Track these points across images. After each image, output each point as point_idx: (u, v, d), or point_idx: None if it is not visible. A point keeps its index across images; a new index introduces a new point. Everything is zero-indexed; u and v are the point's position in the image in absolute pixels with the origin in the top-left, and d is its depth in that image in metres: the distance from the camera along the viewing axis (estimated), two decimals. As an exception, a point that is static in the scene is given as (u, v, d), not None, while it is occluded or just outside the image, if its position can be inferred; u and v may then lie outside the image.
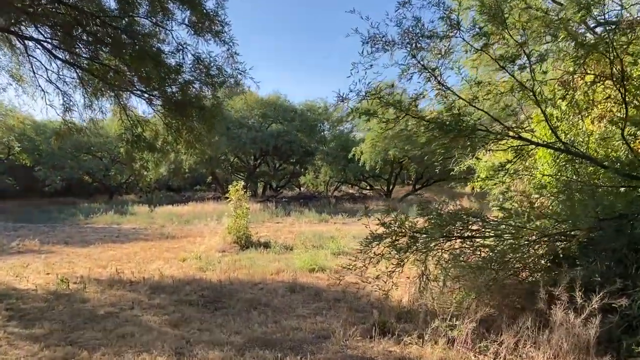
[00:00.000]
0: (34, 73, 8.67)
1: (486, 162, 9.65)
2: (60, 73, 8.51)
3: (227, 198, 32.41)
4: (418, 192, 34.05)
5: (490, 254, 6.29)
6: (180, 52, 7.29)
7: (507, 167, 7.94)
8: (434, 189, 35.27)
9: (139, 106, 8.88)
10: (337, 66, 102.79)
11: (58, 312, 7.37)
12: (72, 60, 7.85)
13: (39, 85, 8.94)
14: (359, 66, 7.88)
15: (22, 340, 6.14)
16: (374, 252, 6.92)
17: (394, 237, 6.85)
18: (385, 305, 7.19)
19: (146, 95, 8.24)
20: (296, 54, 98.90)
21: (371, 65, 7.96)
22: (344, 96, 7.44)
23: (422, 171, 33.13)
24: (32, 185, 37.80)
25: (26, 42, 7.84)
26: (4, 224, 24.19)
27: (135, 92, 8.25)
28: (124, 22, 7.23)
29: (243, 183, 14.42)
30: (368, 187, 36.49)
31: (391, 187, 34.18)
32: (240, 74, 8.12)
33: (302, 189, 47.37)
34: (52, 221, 25.31)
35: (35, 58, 8.53)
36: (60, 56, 7.82)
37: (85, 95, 8.54)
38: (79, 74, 8.12)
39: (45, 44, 7.58)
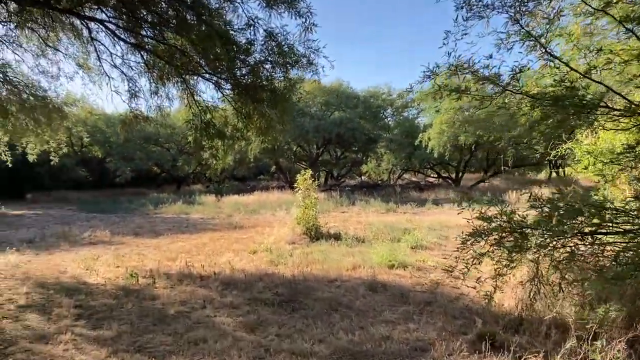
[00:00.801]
0: (99, 58, 8.24)
1: (590, 144, 8.42)
2: (125, 57, 8.04)
3: (291, 187, 32.33)
4: (488, 180, 32.40)
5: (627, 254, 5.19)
6: (251, 28, 6.54)
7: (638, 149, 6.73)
8: (504, 177, 33.59)
9: (207, 91, 8.12)
10: (399, 50, 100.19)
11: (127, 311, 6.87)
12: (136, 42, 7.27)
13: (104, 71, 8.54)
14: (449, 37, 6.87)
15: (90, 344, 5.66)
16: (475, 250, 5.91)
17: (500, 234, 5.83)
18: (486, 312, 6.20)
19: (214, 79, 7.58)
20: (356, 41, 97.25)
21: (462, 37, 6.92)
22: (434, 70, 6.48)
23: (494, 158, 31.43)
24: (103, 176, 38.63)
25: (89, 24, 7.35)
26: (78, 215, 24.62)
27: (203, 75, 7.59)
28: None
29: (310, 172, 13.65)
30: (435, 175, 35.09)
31: (460, 175, 32.56)
32: (314, 52, 7.34)
33: (363, 177, 46.37)
34: (122, 211, 25.58)
35: (99, 42, 8.08)
36: (124, 37, 7.27)
37: (151, 81, 8.01)
38: (144, 58, 7.55)
39: (108, 24, 7.04)
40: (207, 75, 7.54)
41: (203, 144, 8.44)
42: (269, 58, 6.98)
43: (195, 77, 7.76)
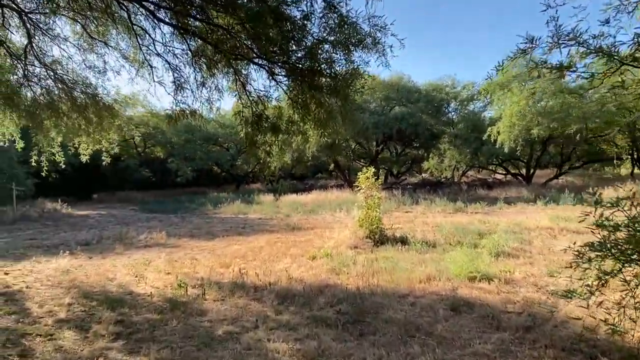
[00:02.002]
0: (139, 45, 7.42)
1: None
2: (169, 44, 7.17)
3: (350, 186, 31.29)
4: (562, 177, 30.11)
5: None
6: None
7: None
8: (577, 173, 31.29)
9: (259, 80, 7.07)
10: (460, 41, 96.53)
11: (170, 330, 5.98)
12: (178, 24, 6.32)
13: (146, 60, 7.72)
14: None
15: (121, 376, 4.76)
16: (600, 268, 4.64)
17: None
18: (611, 346, 4.85)
19: (267, 64, 6.56)
20: (415, 33, 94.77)
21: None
22: (534, 40, 5.22)
23: (569, 152, 29.12)
24: (166, 176, 38.92)
25: (128, 5, 6.52)
26: (139, 215, 24.47)
27: (254, 60, 6.57)
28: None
29: (373, 170, 12.46)
30: (503, 172, 33.04)
31: (532, 171, 30.19)
32: (380, 30, 6.19)
33: (424, 175, 44.66)
34: (182, 211, 25.29)
35: (139, 26, 7.26)
36: (165, 19, 6.37)
37: (198, 70, 7.07)
38: (188, 43, 6.61)
39: (145, 4, 6.15)
40: (258, 61, 6.53)
41: (255, 140, 7.43)
42: (328, 37, 5.88)
43: (246, 64, 6.74)
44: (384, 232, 11.59)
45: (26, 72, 10.81)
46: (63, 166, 13.02)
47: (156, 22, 6.45)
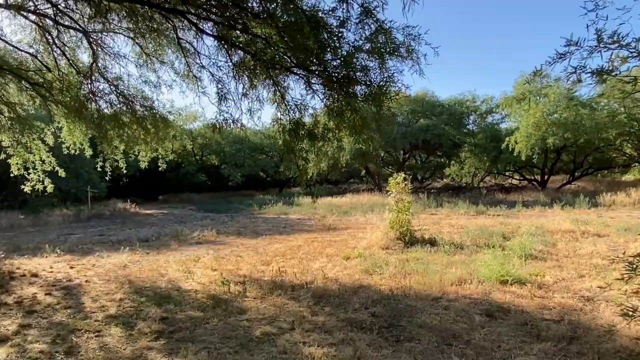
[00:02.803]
0: (184, 57, 6.89)
1: None
2: (212, 57, 6.60)
3: (379, 190, 30.45)
4: (574, 182, 28.56)
5: None
6: (344, 4, 4.75)
7: None
8: (588, 179, 29.60)
9: (296, 89, 6.38)
10: (483, 57, 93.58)
11: (210, 329, 5.33)
12: (219, 35, 5.70)
13: (191, 72, 7.17)
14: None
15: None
16: None
17: None
18: None
19: (304, 74, 5.86)
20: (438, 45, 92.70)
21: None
22: (577, 41, 4.38)
23: (581, 160, 27.63)
24: (219, 181, 39.05)
25: (174, 20, 5.97)
26: (195, 214, 24.22)
27: (292, 69, 5.88)
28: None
29: (403, 175, 11.62)
30: (521, 178, 31.49)
31: (547, 177, 28.80)
32: (414, 39, 5.43)
33: (445, 180, 43.33)
34: (232, 211, 24.93)
35: (185, 40, 6.72)
36: (207, 30, 5.77)
37: (239, 80, 6.45)
38: (230, 56, 5.98)
39: (189, 16, 5.57)
40: (296, 71, 5.84)
41: (293, 146, 6.73)
42: (363, 45, 5.13)
43: (285, 75, 6.04)
44: (413, 233, 10.75)
45: (92, 88, 10.49)
46: (125, 171, 12.65)
47: (199, 35, 5.89)
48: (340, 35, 4.99)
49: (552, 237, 10.75)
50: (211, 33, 5.57)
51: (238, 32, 5.42)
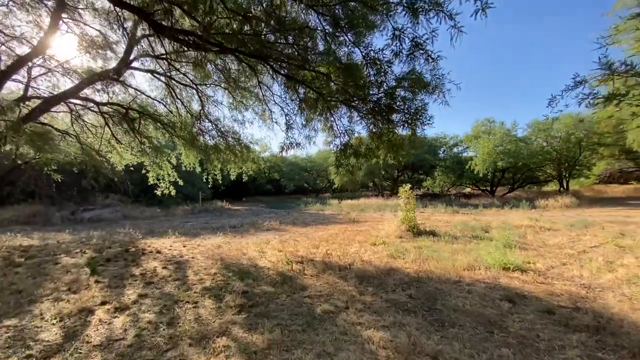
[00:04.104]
0: (262, 96, 5.89)
1: None
2: (282, 96, 5.56)
3: (382, 195, 28.90)
4: (513, 192, 26.29)
5: None
6: (397, 40, 3.63)
7: None
8: (521, 190, 27.23)
9: (345, 117, 5.17)
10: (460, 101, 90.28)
11: (281, 305, 4.11)
12: (290, 74, 4.61)
13: (266, 105, 6.17)
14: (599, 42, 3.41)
15: (240, 356, 2.90)
16: None
17: None
18: None
19: (355, 104, 4.72)
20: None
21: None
22: (582, 80, 3.11)
23: (518, 177, 25.52)
24: (279, 189, 38.31)
25: (256, 67, 4.97)
26: (264, 210, 23.16)
27: (346, 101, 4.73)
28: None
29: (409, 185, 10.22)
30: (476, 188, 29.25)
31: (495, 188, 26.67)
32: (438, 78, 4.19)
33: (422, 190, 41.07)
34: (287, 208, 23.79)
35: (264, 84, 5.72)
36: (282, 71, 4.70)
37: (302, 113, 5.32)
38: (297, 89, 4.89)
39: (270, 62, 4.51)
40: (349, 102, 4.68)
41: (342, 162, 5.51)
42: (406, 79, 3.91)
43: (339, 104, 4.87)
44: (418, 227, 9.31)
45: (200, 126, 9.61)
46: (220, 182, 11.69)
47: (275, 75, 4.84)
48: (388, 70, 3.79)
49: (518, 231, 9.05)
50: (283, 73, 4.47)
51: (305, 70, 4.30)
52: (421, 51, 3.23)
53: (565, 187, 24.68)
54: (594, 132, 21.74)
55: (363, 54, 3.64)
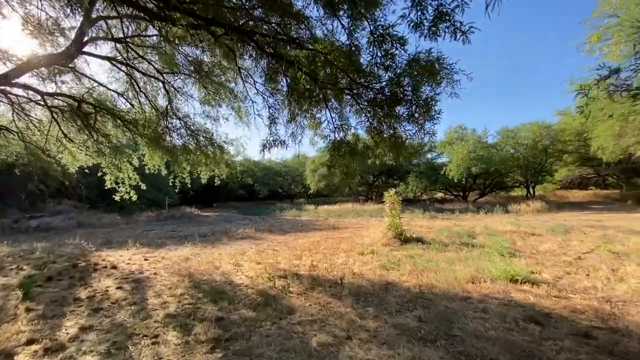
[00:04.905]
0: (243, 82, 5.04)
1: None
2: (267, 85, 4.73)
3: (358, 201, 28.58)
4: (484, 197, 26.96)
5: None
6: (417, 8, 2.97)
7: None
8: (491, 195, 27.97)
9: (339, 109, 4.45)
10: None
11: (265, 335, 3.32)
12: (278, 53, 3.83)
13: (248, 94, 5.32)
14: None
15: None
16: None
17: None
18: None
19: (355, 93, 4.02)
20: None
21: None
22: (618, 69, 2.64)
23: (489, 182, 26.19)
24: (252, 194, 37.07)
25: (233, 47, 4.15)
26: (237, 216, 21.97)
27: (345, 89, 4.03)
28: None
29: (394, 190, 9.74)
30: (449, 193, 29.64)
31: (467, 193, 27.19)
32: (447, 67, 3.64)
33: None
34: (262, 214, 22.73)
35: (244, 70, 4.89)
36: (268, 50, 3.91)
37: (289, 105, 4.57)
38: (285, 76, 4.10)
39: (253, 36, 3.72)
40: (347, 90, 4.00)
41: (335, 163, 4.81)
42: (416, 64, 3.29)
43: (336, 95, 4.16)
44: (404, 233, 8.79)
45: (167, 124, 8.58)
46: (189, 186, 10.58)
47: (258, 57, 4.03)
48: (400, 50, 3.15)
49: (504, 237, 8.73)
50: (269, 52, 3.69)
51: (297, 49, 3.56)
52: (447, 23, 2.64)
53: (532, 192, 25.60)
54: (558, 140, 22.74)
55: (371, 28, 3.00)
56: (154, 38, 7.05)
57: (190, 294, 4.77)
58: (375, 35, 3.01)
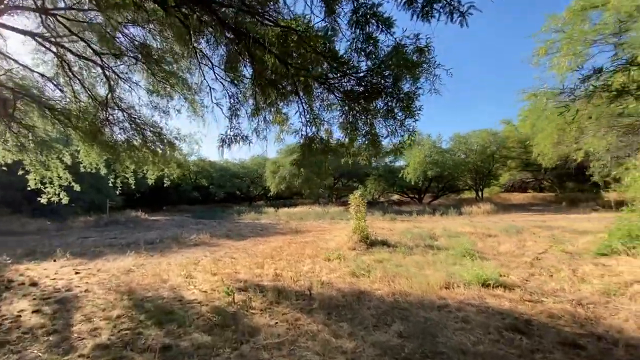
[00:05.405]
0: (199, 64, 4.32)
1: None
2: (227, 71, 4.09)
3: (318, 203, 28.33)
4: (438, 199, 28.23)
5: None
6: None
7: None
8: (444, 197, 29.40)
9: (316, 102, 3.99)
10: None
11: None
12: (242, 29, 3.25)
13: (204, 79, 4.61)
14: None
15: None
16: None
17: None
18: None
19: (331, 84, 3.58)
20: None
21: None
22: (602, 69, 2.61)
23: (443, 185, 27.49)
24: (208, 196, 35.11)
25: (189, 20, 3.49)
26: (190, 220, 20.48)
27: (320, 79, 3.56)
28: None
29: (360, 192, 9.53)
30: (405, 196, 30.51)
31: (422, 195, 28.23)
32: (427, 62, 3.39)
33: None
34: (218, 218, 21.44)
35: (200, 50, 4.21)
36: (230, 24, 3.32)
37: (251, 96, 4.00)
38: (253, 60, 3.51)
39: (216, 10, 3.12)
40: (324, 79, 3.54)
41: (306, 161, 4.34)
42: (393, 62, 2.94)
43: (311, 85, 3.68)
44: (369, 236, 8.56)
45: (107, 116, 7.49)
46: (134, 187, 9.39)
47: (219, 34, 3.41)
48: (385, 33, 2.79)
49: (464, 238, 8.80)
50: (233, 26, 3.10)
51: (267, 25, 3.04)
52: (442, 2, 2.32)
53: (480, 195, 27.33)
54: (503, 146, 24.55)
55: (354, 5, 2.60)
56: (92, 14, 6.06)
57: (129, 315, 3.99)
58: (358, 15, 2.63)
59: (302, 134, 4.04)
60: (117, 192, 10.12)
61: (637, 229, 5.65)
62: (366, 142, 3.81)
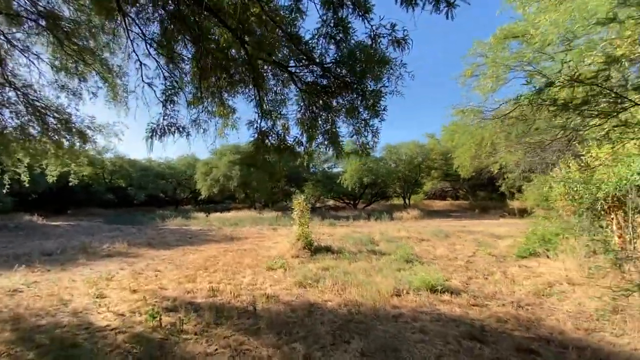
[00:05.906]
0: (127, 33, 3.45)
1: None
2: (163, 47, 3.32)
3: (254, 208, 27.24)
4: (371, 205, 29.50)
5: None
6: None
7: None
8: (376, 203, 30.86)
9: (272, 92, 3.52)
10: None
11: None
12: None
13: (134, 50, 3.71)
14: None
15: None
16: None
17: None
18: None
19: (293, 72, 3.13)
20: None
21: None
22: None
23: (375, 192, 28.84)
24: (125, 199, 31.04)
25: None
26: (103, 226, 17.72)
27: (280, 62, 3.08)
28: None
29: (304, 196, 9.20)
30: (341, 201, 31.13)
31: (357, 201, 29.16)
32: (391, 61, 3.25)
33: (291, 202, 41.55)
34: (138, 224, 18.95)
35: (129, 16, 3.36)
36: None
37: (195, 79, 3.36)
38: (199, 35, 2.86)
39: None
40: (286, 64, 3.07)
41: (258, 159, 3.82)
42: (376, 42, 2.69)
43: (269, 69, 3.18)
44: (312, 243, 8.26)
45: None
46: (27, 185, 7.58)
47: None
48: (368, 10, 2.50)
49: (401, 242, 9.10)
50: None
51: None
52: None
53: (407, 201, 29.40)
54: (428, 157, 26.88)
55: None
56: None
57: (12, 354, 2.98)
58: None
59: (255, 127, 3.54)
60: (5, 191, 8.10)
61: (549, 233, 6.41)
62: (326, 142, 3.52)
